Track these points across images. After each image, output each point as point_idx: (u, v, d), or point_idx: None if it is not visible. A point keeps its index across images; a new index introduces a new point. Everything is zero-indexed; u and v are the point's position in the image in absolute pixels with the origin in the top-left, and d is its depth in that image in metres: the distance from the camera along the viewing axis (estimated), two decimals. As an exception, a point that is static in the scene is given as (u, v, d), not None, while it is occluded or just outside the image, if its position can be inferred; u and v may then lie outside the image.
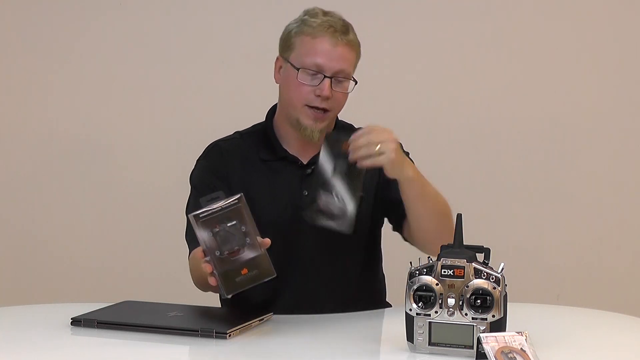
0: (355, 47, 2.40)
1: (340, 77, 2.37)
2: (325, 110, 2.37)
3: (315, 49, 2.35)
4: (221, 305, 2.52)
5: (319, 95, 2.35)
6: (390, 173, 2.23)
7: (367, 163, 2.18)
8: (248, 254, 2.02)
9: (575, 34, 3.56)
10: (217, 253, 2.01)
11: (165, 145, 3.57)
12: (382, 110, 3.47)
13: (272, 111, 2.51)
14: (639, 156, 3.57)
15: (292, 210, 2.42)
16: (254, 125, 2.54)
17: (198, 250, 2.06)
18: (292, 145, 2.46)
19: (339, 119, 2.52)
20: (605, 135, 3.56)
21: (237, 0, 3.57)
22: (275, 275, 2.05)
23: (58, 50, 3.58)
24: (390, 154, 2.18)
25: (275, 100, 2.50)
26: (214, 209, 2.01)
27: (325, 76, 2.34)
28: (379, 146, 2.17)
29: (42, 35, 3.57)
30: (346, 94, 2.40)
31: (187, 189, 2.50)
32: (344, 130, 2.43)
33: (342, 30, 2.37)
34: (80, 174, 3.59)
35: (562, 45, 3.55)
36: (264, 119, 2.52)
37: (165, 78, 3.57)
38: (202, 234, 2.01)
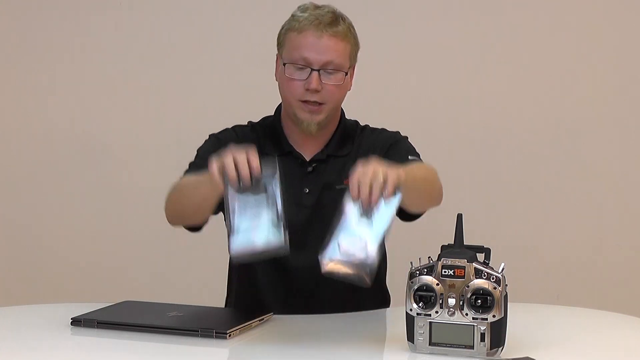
0: (345, 37, 2.36)
1: (330, 69, 2.34)
2: (319, 104, 2.36)
3: (300, 43, 2.34)
4: (225, 305, 2.55)
5: (308, 89, 2.33)
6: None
7: (388, 197, 1.96)
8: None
9: (577, 34, 3.55)
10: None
11: (165, 145, 3.57)
12: (383, 109, 3.46)
13: (280, 107, 2.51)
14: (639, 156, 3.57)
15: (294, 208, 2.41)
16: (264, 118, 2.54)
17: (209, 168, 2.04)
18: (296, 141, 2.45)
19: (346, 117, 2.50)
20: (605, 135, 3.56)
21: (237, 0, 3.56)
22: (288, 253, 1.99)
23: (58, 50, 3.58)
24: (396, 177, 1.97)
25: (275, 100, 2.50)
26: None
27: (312, 69, 2.33)
28: (381, 174, 1.96)
29: (42, 35, 3.57)
30: (341, 86, 2.36)
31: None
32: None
33: (329, 22, 2.34)
34: (80, 174, 3.59)
35: (563, 45, 3.55)
36: (273, 114, 2.51)
37: (165, 78, 3.57)
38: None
